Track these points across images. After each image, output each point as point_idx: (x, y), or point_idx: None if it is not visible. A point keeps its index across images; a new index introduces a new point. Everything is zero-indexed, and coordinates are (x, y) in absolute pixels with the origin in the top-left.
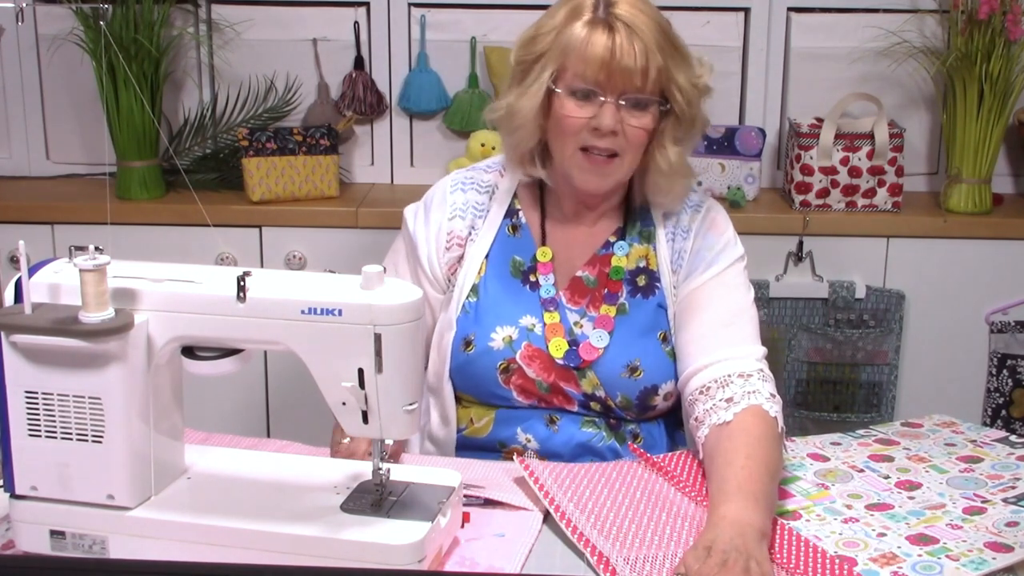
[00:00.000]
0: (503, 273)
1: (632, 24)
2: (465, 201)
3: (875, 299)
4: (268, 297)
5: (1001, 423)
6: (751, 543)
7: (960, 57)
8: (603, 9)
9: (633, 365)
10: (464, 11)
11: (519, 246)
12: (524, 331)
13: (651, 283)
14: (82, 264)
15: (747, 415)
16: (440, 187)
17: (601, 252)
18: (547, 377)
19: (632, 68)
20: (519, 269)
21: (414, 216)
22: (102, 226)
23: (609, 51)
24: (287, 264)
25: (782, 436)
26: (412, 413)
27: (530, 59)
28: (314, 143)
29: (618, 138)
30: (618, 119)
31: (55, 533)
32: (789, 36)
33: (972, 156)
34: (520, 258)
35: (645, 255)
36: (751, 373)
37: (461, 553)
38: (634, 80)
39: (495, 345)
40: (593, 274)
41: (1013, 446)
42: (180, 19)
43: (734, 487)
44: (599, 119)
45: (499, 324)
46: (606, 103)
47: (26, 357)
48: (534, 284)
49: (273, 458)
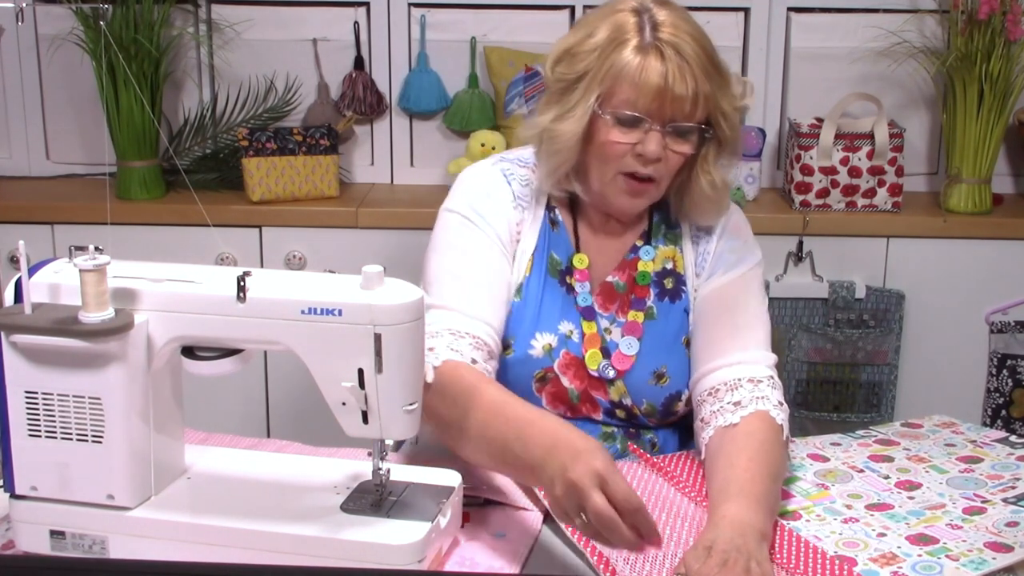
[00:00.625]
0: (543, 272)
1: (681, 50)
2: (519, 192)
3: (875, 299)
4: (268, 297)
5: (1001, 423)
6: (752, 543)
7: (960, 57)
8: (650, 32)
9: (660, 372)
10: (464, 11)
11: (557, 242)
12: (563, 338)
13: (678, 286)
14: (82, 264)
15: (754, 419)
16: (488, 175)
17: (629, 256)
18: (579, 385)
19: (684, 97)
20: (556, 268)
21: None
22: (102, 226)
23: (663, 79)
24: (287, 264)
25: (787, 444)
26: (412, 413)
27: (571, 77)
28: (314, 143)
29: (659, 164)
30: (663, 146)
31: (55, 533)
32: (789, 36)
33: (972, 156)
34: (558, 256)
35: (672, 256)
36: (761, 379)
37: (461, 553)
38: (684, 108)
39: (535, 353)
40: (623, 279)
41: (1013, 446)
42: (180, 19)
43: (736, 488)
44: (644, 146)
45: (539, 330)
46: (652, 131)
47: (26, 357)
48: (570, 288)
49: (273, 458)
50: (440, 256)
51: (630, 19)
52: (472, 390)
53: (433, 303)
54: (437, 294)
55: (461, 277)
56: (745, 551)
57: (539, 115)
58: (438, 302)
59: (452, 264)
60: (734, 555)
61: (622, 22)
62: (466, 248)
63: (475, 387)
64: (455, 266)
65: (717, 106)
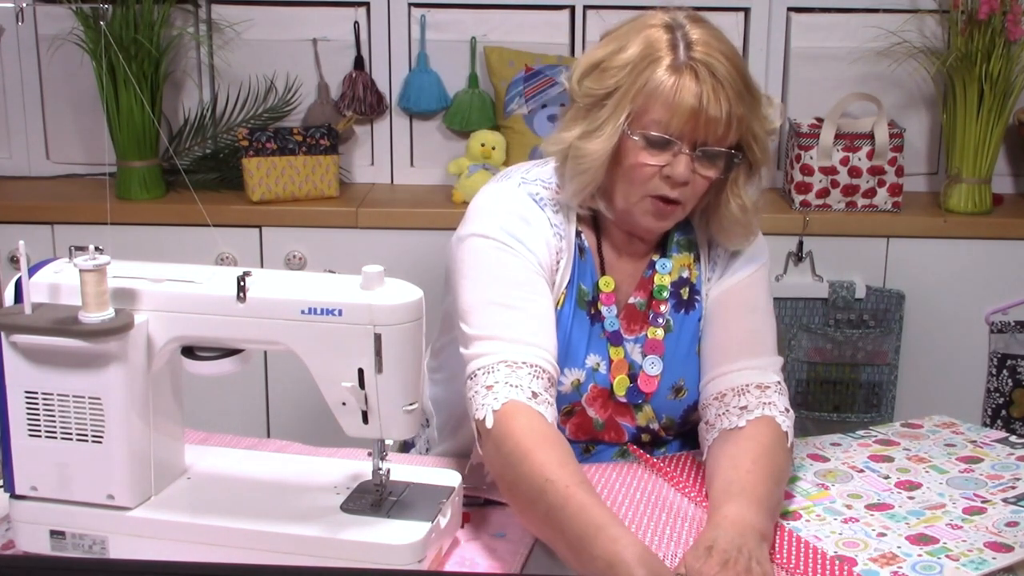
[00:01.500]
0: (572, 304)
1: (716, 71)
2: (554, 220)
3: (875, 299)
4: (268, 297)
5: (1001, 423)
6: (752, 544)
7: (960, 57)
8: (684, 51)
9: (678, 386)
10: (464, 11)
11: (584, 272)
12: (590, 372)
13: (692, 296)
14: (82, 264)
15: (759, 424)
16: (519, 199)
17: (647, 274)
18: (603, 414)
19: (719, 119)
20: (584, 299)
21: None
22: (102, 226)
23: (697, 101)
24: (287, 264)
25: (791, 450)
26: (412, 413)
27: (600, 93)
28: (314, 143)
29: (686, 188)
30: (691, 169)
31: (55, 533)
32: (789, 36)
33: (972, 156)
34: (585, 287)
35: (687, 264)
36: (769, 385)
37: (461, 553)
38: (718, 131)
39: (564, 390)
40: (644, 298)
41: (1013, 446)
42: (180, 19)
43: (738, 489)
44: (672, 169)
45: (567, 366)
46: (681, 154)
47: (26, 357)
48: (595, 316)
49: (273, 458)
50: (476, 284)
51: (663, 36)
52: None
53: (477, 334)
54: (480, 324)
55: (508, 304)
56: (746, 551)
57: (564, 130)
58: (484, 333)
59: (494, 292)
60: (735, 555)
61: (655, 39)
62: (507, 274)
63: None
64: (498, 294)
65: (749, 129)
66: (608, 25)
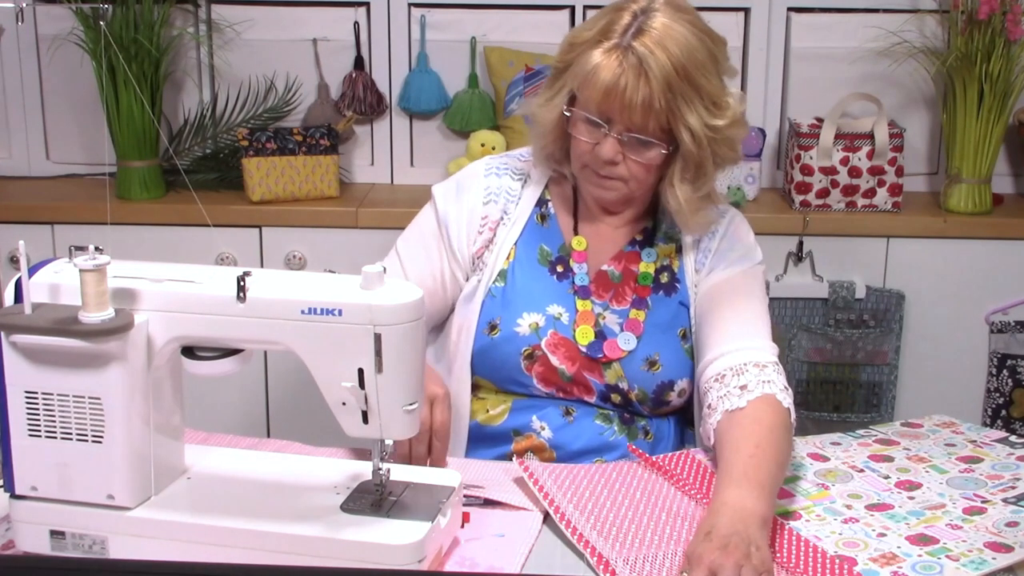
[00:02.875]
0: (531, 261)
1: (646, 60)
2: (499, 186)
3: (875, 299)
4: (268, 297)
5: (1001, 423)
6: (752, 529)
7: (960, 57)
8: (631, 36)
9: (652, 359)
10: (464, 11)
11: (547, 235)
12: (551, 319)
13: (672, 281)
14: (82, 264)
15: (761, 403)
16: (474, 170)
17: (627, 249)
18: (571, 367)
19: (633, 105)
20: (547, 258)
21: (444, 196)
22: (102, 226)
23: (614, 82)
24: (287, 264)
25: (793, 427)
26: (412, 413)
27: (560, 67)
28: (314, 143)
29: (619, 167)
30: (618, 151)
31: (55, 533)
32: (789, 36)
33: (972, 156)
34: (548, 248)
35: (669, 255)
36: (766, 364)
37: (461, 553)
38: (633, 117)
39: (521, 331)
40: (619, 269)
41: (1013, 446)
42: (180, 19)
43: (740, 473)
44: (599, 149)
45: (526, 310)
46: (608, 136)
47: (26, 357)
48: (562, 274)
49: (273, 458)
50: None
51: (624, 19)
52: None
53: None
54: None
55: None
56: (745, 536)
57: (535, 95)
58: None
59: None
60: (735, 540)
61: (615, 21)
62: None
63: None
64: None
65: (681, 120)
66: None
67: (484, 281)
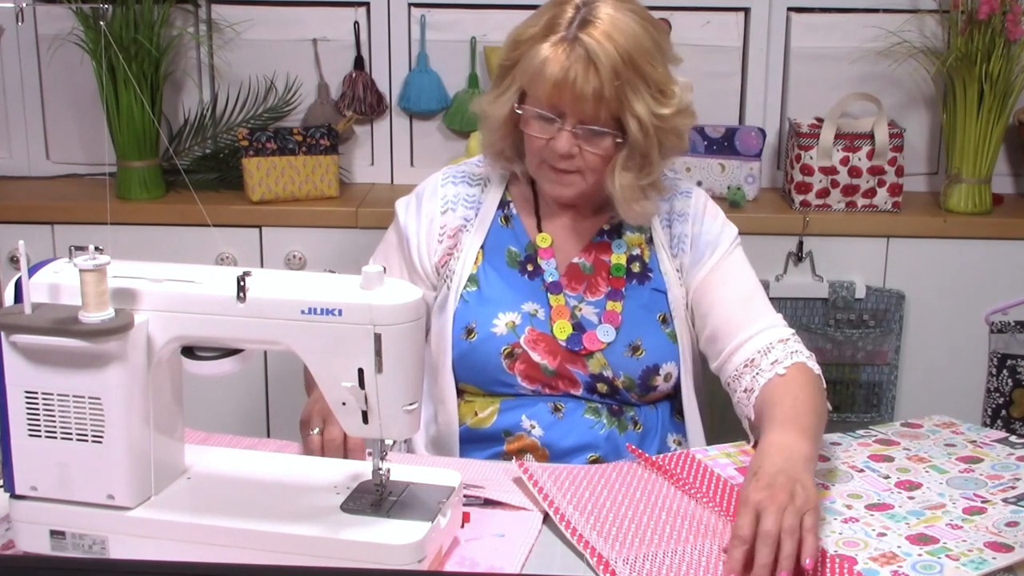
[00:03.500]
0: (500, 263)
1: (593, 50)
2: (456, 193)
3: (875, 299)
4: (268, 297)
5: (1001, 423)
6: (798, 467)
7: (960, 57)
8: (576, 28)
9: (635, 345)
10: (464, 11)
11: (512, 237)
12: (527, 316)
13: (644, 270)
14: (82, 264)
15: (794, 370)
16: (431, 181)
17: (596, 240)
18: (552, 361)
19: (585, 96)
20: (515, 259)
21: (405, 209)
22: (102, 226)
23: (564, 75)
24: (287, 264)
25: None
26: (412, 413)
27: (507, 64)
28: (314, 143)
29: (576, 159)
30: (573, 144)
31: (55, 533)
32: (789, 36)
33: (972, 156)
34: (515, 248)
35: (639, 244)
36: (787, 337)
37: (461, 553)
38: (585, 108)
39: (498, 331)
40: (589, 261)
41: (1013, 446)
42: (180, 19)
43: (783, 417)
44: (554, 144)
45: (501, 310)
46: (562, 130)
47: (26, 357)
48: (532, 272)
49: (273, 458)
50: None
51: (567, 12)
52: None
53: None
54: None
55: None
56: (791, 475)
57: (484, 94)
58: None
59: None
60: (781, 479)
61: (559, 16)
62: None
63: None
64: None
65: (628, 109)
66: None
67: (454, 288)
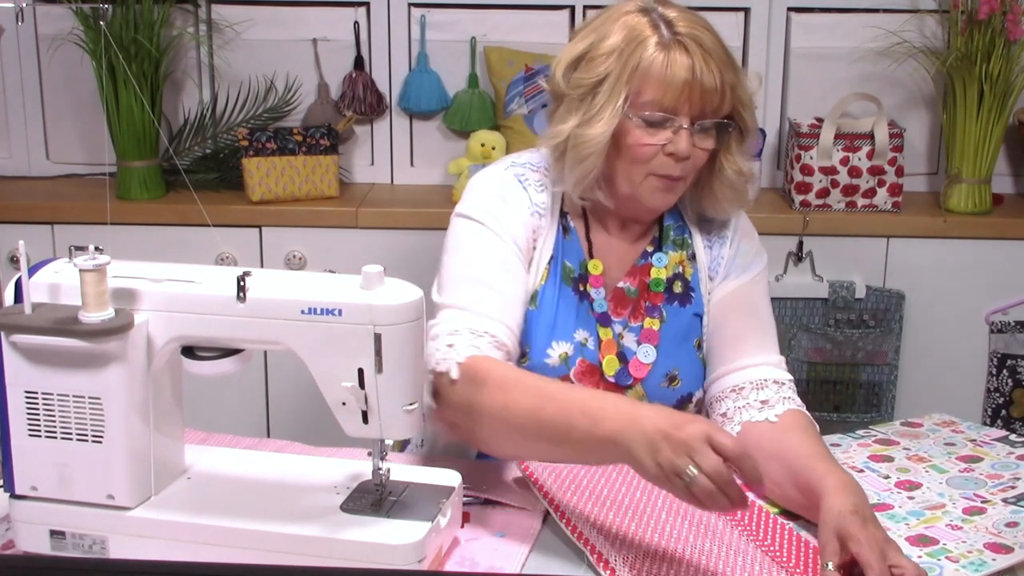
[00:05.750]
0: (557, 280)
1: (702, 42)
2: (534, 198)
3: (875, 299)
4: (268, 297)
5: (1001, 423)
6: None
7: (960, 57)
8: (666, 29)
9: (672, 375)
10: (464, 11)
11: (569, 250)
12: (578, 346)
13: (687, 291)
14: (82, 264)
15: (792, 415)
16: (503, 180)
17: (640, 262)
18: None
19: (713, 89)
20: (570, 276)
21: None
22: (102, 226)
23: (690, 73)
24: (287, 264)
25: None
26: (412, 413)
27: (591, 82)
28: (314, 143)
29: (688, 162)
30: (691, 143)
31: (55, 533)
32: (789, 36)
33: (972, 156)
34: (570, 264)
35: (681, 262)
36: (784, 382)
37: (461, 553)
38: (714, 101)
39: (551, 362)
40: (634, 285)
41: (1013, 445)
42: (180, 19)
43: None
44: (675, 145)
45: (555, 339)
46: (682, 130)
47: (26, 357)
48: (583, 295)
49: (273, 458)
50: (455, 259)
51: (641, 19)
52: (508, 378)
53: (448, 303)
54: (451, 295)
55: (479, 279)
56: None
57: (558, 124)
58: (453, 303)
59: (468, 267)
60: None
61: (634, 23)
62: (482, 251)
63: (510, 375)
64: (471, 268)
65: (738, 96)
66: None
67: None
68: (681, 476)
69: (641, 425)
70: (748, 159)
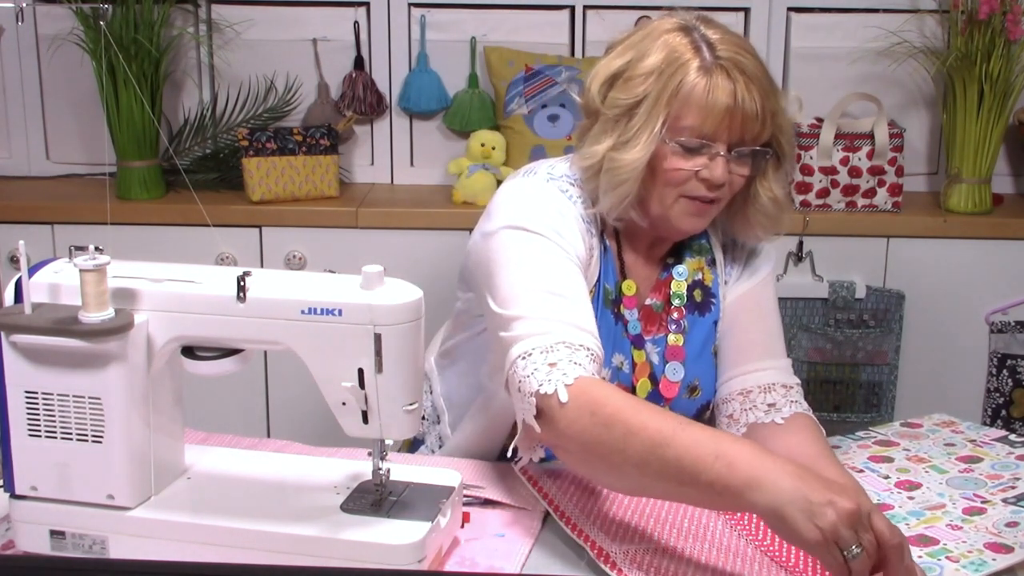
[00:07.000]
0: (600, 303)
1: (745, 68)
2: (584, 215)
3: (875, 299)
4: (268, 297)
5: (1001, 423)
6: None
7: (960, 57)
8: (708, 53)
9: (693, 385)
10: (464, 11)
11: (607, 271)
12: (615, 371)
13: (707, 299)
14: (82, 264)
15: (801, 420)
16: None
17: (663, 276)
18: None
19: (754, 115)
20: (608, 297)
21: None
22: (102, 226)
23: (732, 99)
24: (287, 264)
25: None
26: (412, 413)
27: (628, 103)
28: (314, 143)
29: (724, 187)
30: (727, 170)
31: (55, 533)
32: (789, 36)
33: (972, 156)
34: (608, 286)
35: (700, 268)
36: (792, 386)
37: (461, 553)
38: (754, 128)
39: None
40: (660, 300)
41: (1013, 445)
42: (180, 19)
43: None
44: (710, 171)
45: None
46: (718, 156)
47: (26, 357)
48: (618, 316)
49: (273, 458)
50: (518, 273)
51: (682, 39)
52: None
53: (526, 315)
54: (529, 307)
55: (556, 292)
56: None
57: (593, 143)
58: (536, 314)
59: (540, 279)
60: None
61: (675, 43)
62: (550, 263)
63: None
64: (544, 281)
65: (777, 123)
66: (608, 24)
67: None
68: (840, 546)
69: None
70: (784, 185)
